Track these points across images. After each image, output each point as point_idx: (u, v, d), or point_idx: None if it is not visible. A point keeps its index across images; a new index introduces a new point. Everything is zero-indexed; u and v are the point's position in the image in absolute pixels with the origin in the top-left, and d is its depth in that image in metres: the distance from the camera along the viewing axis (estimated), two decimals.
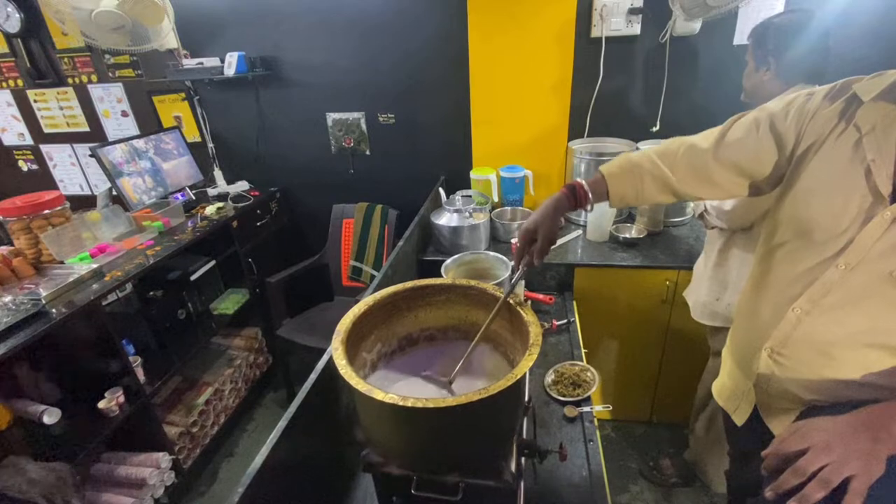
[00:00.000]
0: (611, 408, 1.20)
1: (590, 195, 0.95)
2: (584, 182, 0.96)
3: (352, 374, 0.67)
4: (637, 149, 1.87)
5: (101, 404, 1.55)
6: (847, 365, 0.74)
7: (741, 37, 1.80)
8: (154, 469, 1.68)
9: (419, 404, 0.61)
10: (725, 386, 1.02)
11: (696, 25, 1.77)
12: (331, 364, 0.72)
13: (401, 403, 0.61)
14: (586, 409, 1.12)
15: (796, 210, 0.79)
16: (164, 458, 1.72)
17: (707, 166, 0.88)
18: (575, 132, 2.01)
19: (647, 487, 1.78)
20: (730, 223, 1.27)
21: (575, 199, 0.96)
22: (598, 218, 1.75)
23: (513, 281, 0.91)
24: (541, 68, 1.85)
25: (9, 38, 2.33)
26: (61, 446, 1.47)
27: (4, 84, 2.49)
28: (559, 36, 1.79)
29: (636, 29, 1.84)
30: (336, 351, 0.72)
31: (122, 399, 1.60)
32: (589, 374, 1.21)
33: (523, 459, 0.83)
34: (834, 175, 0.75)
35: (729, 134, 0.87)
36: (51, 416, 1.49)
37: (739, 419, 0.96)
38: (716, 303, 1.37)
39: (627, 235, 1.74)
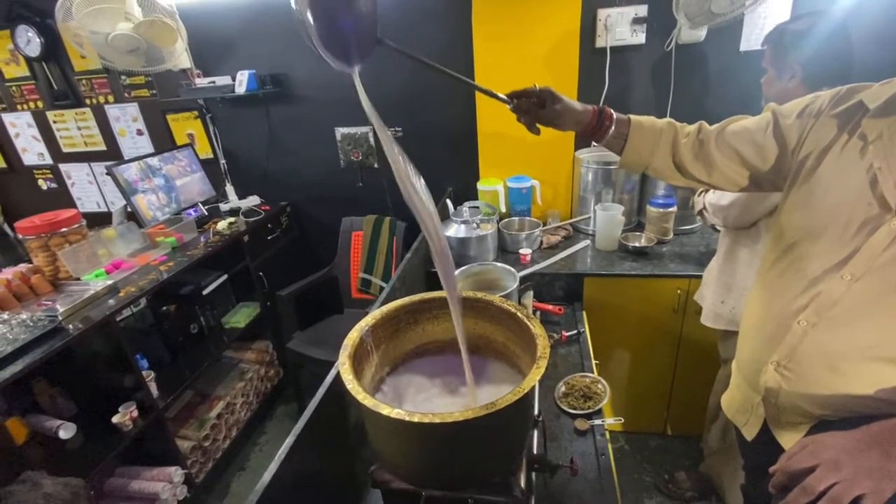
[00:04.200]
0: (622, 420, 1.18)
1: (612, 129, 0.90)
2: (614, 115, 0.90)
3: (359, 389, 0.67)
4: None
5: (116, 419, 1.56)
6: (856, 379, 0.72)
7: (748, 43, 1.79)
8: (167, 483, 1.69)
9: (426, 420, 0.61)
10: (734, 399, 0.99)
11: (702, 33, 1.77)
12: (339, 379, 0.72)
13: (407, 419, 0.61)
14: (598, 421, 1.10)
15: (800, 218, 0.78)
16: (176, 473, 1.73)
17: (709, 146, 0.88)
18: (582, 142, 2.00)
19: (662, 501, 1.74)
20: (725, 220, 1.25)
21: (598, 123, 0.90)
22: (607, 227, 1.74)
23: (490, 92, 0.88)
24: (546, 78, 1.84)
25: (30, 61, 2.42)
26: (76, 461, 1.48)
27: (25, 106, 2.57)
28: (564, 46, 1.80)
29: (641, 38, 1.84)
30: (343, 366, 0.72)
31: (135, 413, 1.61)
32: (600, 385, 1.20)
33: (533, 474, 0.82)
34: (838, 183, 0.73)
35: (737, 122, 0.88)
36: (66, 431, 1.50)
37: (749, 433, 0.93)
38: (721, 305, 1.35)
39: (637, 244, 1.72)
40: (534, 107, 0.91)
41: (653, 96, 1.96)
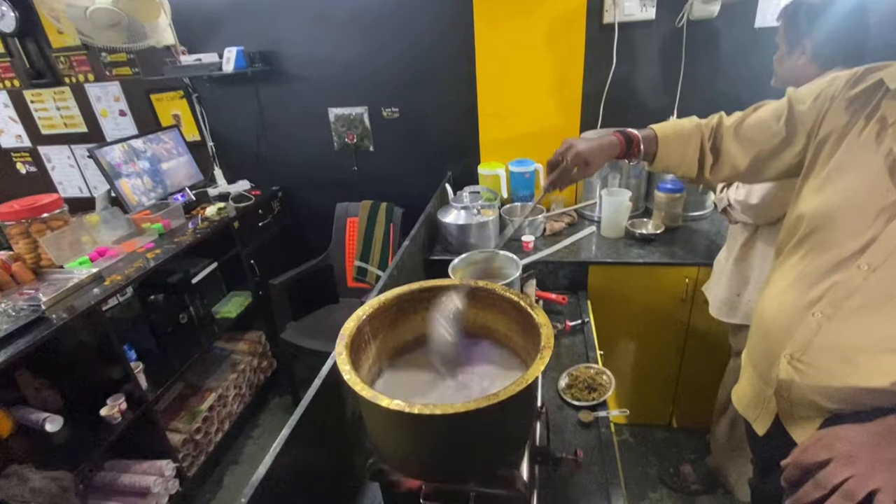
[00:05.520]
0: (627, 412, 1.15)
1: (642, 150, 0.94)
2: (640, 135, 0.94)
3: (356, 379, 0.64)
4: None
5: (104, 411, 1.53)
6: (872, 372, 0.69)
7: (763, 19, 1.72)
8: (158, 477, 1.65)
9: (426, 411, 0.58)
10: (745, 393, 0.97)
11: (715, 8, 1.69)
12: (335, 369, 0.69)
13: (407, 410, 0.58)
14: (602, 413, 1.07)
15: (815, 206, 0.75)
16: (167, 466, 1.69)
17: (727, 139, 0.90)
18: (587, 123, 1.93)
19: (667, 495, 1.72)
20: (756, 218, 1.20)
21: (627, 149, 0.95)
22: (614, 213, 1.68)
23: (535, 202, 0.94)
24: (551, 57, 1.78)
25: (4, 37, 2.30)
26: (64, 455, 1.45)
27: (1, 85, 2.46)
28: (570, 22, 1.71)
29: (651, 13, 1.77)
30: (340, 356, 0.69)
31: (124, 406, 1.57)
32: (604, 377, 1.16)
33: (537, 467, 0.80)
34: (856, 169, 0.71)
35: (755, 113, 0.88)
36: (53, 424, 1.47)
37: (761, 428, 0.91)
38: (736, 298, 1.31)
39: (644, 231, 1.67)
40: (570, 173, 0.96)
41: (662, 75, 1.89)
